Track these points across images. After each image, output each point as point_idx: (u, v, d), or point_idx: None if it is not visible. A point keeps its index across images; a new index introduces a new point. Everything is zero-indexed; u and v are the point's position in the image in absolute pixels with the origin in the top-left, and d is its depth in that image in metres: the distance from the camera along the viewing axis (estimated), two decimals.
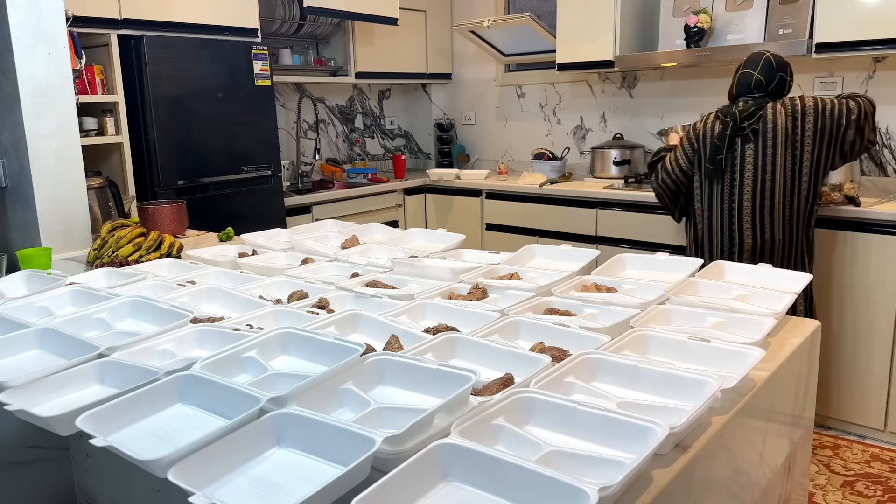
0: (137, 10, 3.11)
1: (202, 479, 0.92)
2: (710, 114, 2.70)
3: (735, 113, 2.57)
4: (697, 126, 2.72)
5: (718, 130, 2.60)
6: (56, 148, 2.33)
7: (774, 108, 2.55)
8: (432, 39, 4.83)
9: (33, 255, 2.09)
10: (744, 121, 2.55)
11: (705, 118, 2.70)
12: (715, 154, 2.60)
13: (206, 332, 1.41)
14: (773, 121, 2.53)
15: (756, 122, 2.54)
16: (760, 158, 2.54)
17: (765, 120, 2.54)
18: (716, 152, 2.60)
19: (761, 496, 1.36)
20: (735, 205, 2.61)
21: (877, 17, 2.91)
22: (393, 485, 0.86)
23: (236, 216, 3.48)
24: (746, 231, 2.61)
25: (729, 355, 1.26)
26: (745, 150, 2.57)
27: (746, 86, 2.61)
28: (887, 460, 2.80)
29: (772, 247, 2.61)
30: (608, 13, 3.73)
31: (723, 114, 2.63)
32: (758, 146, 2.54)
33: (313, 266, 1.96)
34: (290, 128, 4.44)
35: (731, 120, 2.56)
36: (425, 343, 1.29)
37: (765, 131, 2.53)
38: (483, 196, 4.20)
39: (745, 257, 2.65)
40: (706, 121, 2.69)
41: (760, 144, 2.54)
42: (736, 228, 2.62)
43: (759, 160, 2.55)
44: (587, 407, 1.04)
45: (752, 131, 2.54)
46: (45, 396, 1.19)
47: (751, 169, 2.56)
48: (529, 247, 2.07)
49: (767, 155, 2.53)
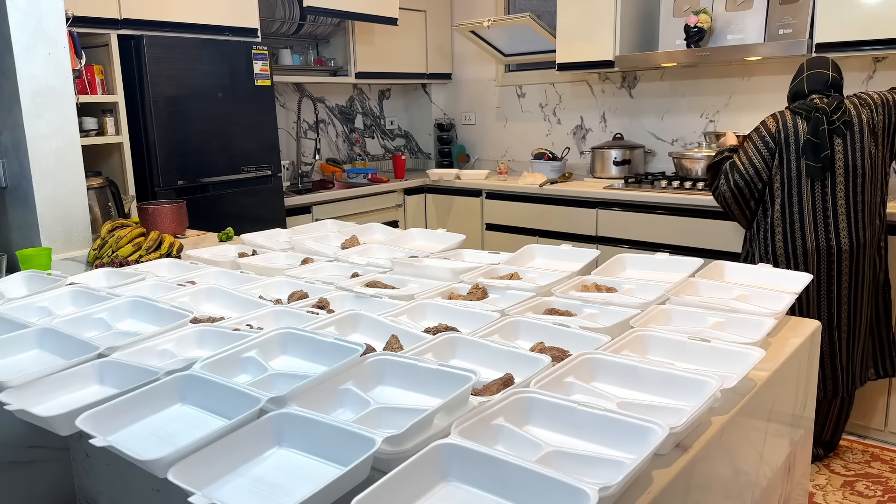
0: (137, 10, 3.11)
1: (202, 479, 0.92)
2: (780, 112, 2.59)
3: (823, 107, 2.47)
4: (769, 125, 2.58)
5: (808, 127, 2.48)
6: (56, 148, 2.33)
7: (853, 103, 2.51)
8: (432, 39, 4.83)
9: (33, 255, 2.09)
10: (832, 114, 2.47)
11: (780, 118, 2.58)
12: (817, 151, 2.46)
13: (206, 332, 1.41)
14: (856, 115, 2.48)
15: (844, 114, 2.46)
16: (850, 153, 2.46)
17: (849, 113, 2.48)
18: (817, 149, 2.46)
19: (761, 496, 1.36)
20: (829, 205, 2.49)
21: (877, 17, 2.91)
22: (393, 485, 0.86)
23: (236, 216, 3.48)
24: (843, 232, 2.49)
25: (729, 355, 1.26)
26: (833, 146, 2.48)
27: (823, 83, 2.54)
28: (887, 460, 2.80)
29: (865, 248, 2.53)
30: (608, 13, 3.73)
31: (804, 109, 2.52)
32: (846, 141, 2.46)
33: (313, 266, 1.96)
34: (290, 128, 4.44)
35: (822, 114, 2.46)
36: (425, 343, 1.29)
37: (852, 125, 2.47)
38: (483, 196, 4.20)
39: (843, 261, 2.52)
40: (781, 118, 2.57)
41: (849, 139, 2.46)
42: (832, 230, 2.50)
43: (848, 155, 2.46)
44: (587, 407, 1.04)
45: (844, 123, 2.45)
46: (45, 396, 1.19)
47: (841, 165, 2.47)
48: (529, 247, 2.07)
49: (857, 149, 2.46)
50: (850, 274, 2.55)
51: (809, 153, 2.49)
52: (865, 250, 2.55)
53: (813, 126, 2.48)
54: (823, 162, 2.47)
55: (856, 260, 2.54)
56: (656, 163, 4.11)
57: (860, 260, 2.55)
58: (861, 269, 2.56)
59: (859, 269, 2.56)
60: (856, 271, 2.55)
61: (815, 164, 2.48)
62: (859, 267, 2.56)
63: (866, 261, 2.57)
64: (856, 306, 2.59)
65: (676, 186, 3.49)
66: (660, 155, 4.09)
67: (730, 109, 3.79)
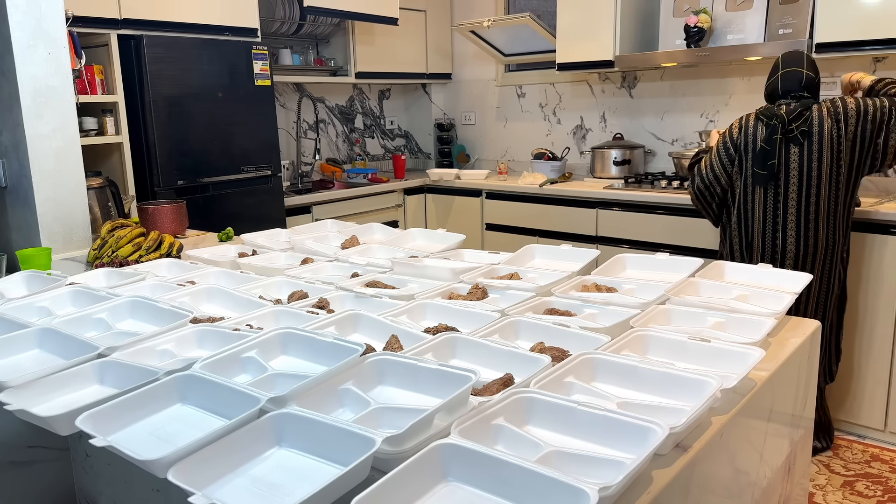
0: (137, 10, 3.11)
1: (202, 479, 0.92)
2: (747, 116, 2.59)
3: (782, 115, 2.46)
4: (734, 130, 2.59)
5: (765, 134, 2.49)
6: (56, 148, 2.33)
7: (820, 109, 2.46)
8: (432, 39, 4.83)
9: (33, 255, 2.09)
10: (791, 122, 2.45)
11: (743, 121, 2.59)
12: (765, 159, 2.47)
13: (206, 332, 1.41)
14: (819, 123, 2.44)
15: (803, 123, 2.43)
16: (806, 163, 2.44)
17: (811, 122, 2.44)
18: (766, 157, 2.47)
19: (761, 496, 1.36)
20: (780, 210, 2.51)
21: (877, 17, 2.91)
22: (393, 485, 0.86)
23: (236, 216, 3.48)
24: (790, 238, 2.51)
25: (729, 355, 1.26)
26: (789, 154, 2.46)
27: (797, 83, 2.50)
28: (887, 460, 2.80)
29: (814, 254, 2.53)
30: (608, 13, 3.73)
31: (765, 116, 2.51)
32: (803, 150, 2.44)
33: (313, 266, 1.96)
34: (290, 128, 4.44)
35: (779, 122, 2.45)
36: (425, 343, 1.29)
37: (811, 134, 2.43)
38: (483, 196, 4.20)
39: (787, 265, 2.56)
40: (744, 124, 2.57)
41: (807, 148, 2.43)
42: (780, 235, 2.52)
43: (804, 164, 2.45)
44: (587, 407, 1.04)
45: (802, 133, 2.43)
46: (45, 396, 1.19)
47: (795, 173, 2.46)
48: (529, 247, 2.07)
49: (813, 159, 2.43)
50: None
51: (759, 160, 2.51)
52: (814, 256, 2.55)
53: (768, 134, 2.48)
54: (769, 170, 2.49)
55: (801, 264, 2.56)
56: (656, 163, 4.11)
57: (805, 265, 2.56)
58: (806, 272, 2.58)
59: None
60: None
61: (761, 172, 2.50)
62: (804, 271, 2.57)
63: (814, 267, 2.57)
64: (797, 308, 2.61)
65: (676, 186, 3.49)
66: (660, 155, 4.09)
67: (730, 109, 3.79)
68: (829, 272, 2.61)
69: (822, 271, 2.60)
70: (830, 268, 2.60)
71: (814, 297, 2.63)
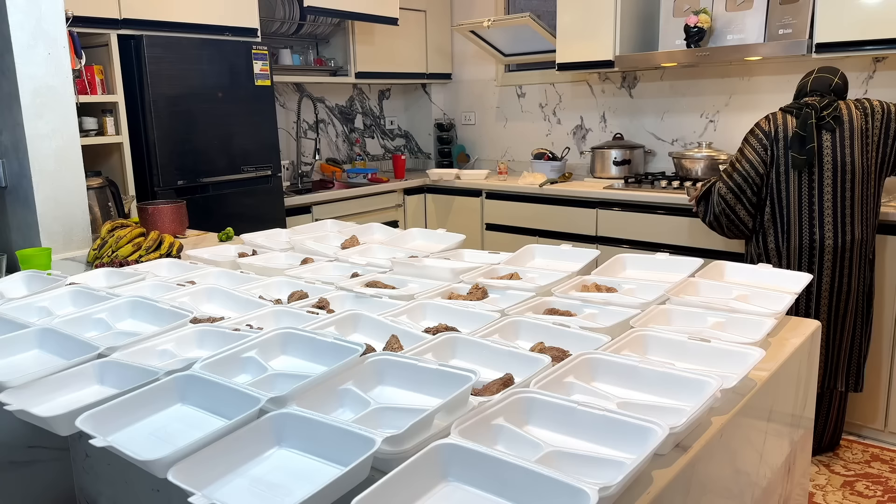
0: (137, 10, 3.11)
1: (202, 479, 0.92)
2: (772, 113, 2.65)
3: (813, 103, 2.54)
4: (763, 124, 2.64)
5: (798, 122, 2.54)
6: (56, 148, 2.33)
7: (847, 104, 2.55)
8: (432, 39, 4.83)
9: (33, 255, 2.09)
10: (822, 111, 2.52)
11: (772, 117, 2.63)
12: (803, 144, 2.51)
13: (206, 332, 1.41)
14: (848, 115, 2.52)
15: (834, 111, 2.52)
16: (839, 149, 2.50)
17: (840, 111, 2.53)
18: (803, 142, 2.51)
19: (761, 496, 1.36)
20: (815, 200, 2.53)
21: (877, 17, 2.91)
22: (393, 485, 0.86)
23: (236, 216, 3.48)
24: (827, 230, 2.53)
25: (729, 355, 1.26)
26: (822, 141, 2.52)
27: (826, 86, 2.60)
28: (887, 460, 2.80)
29: (851, 248, 2.55)
30: (608, 13, 3.73)
31: (795, 107, 2.59)
32: (835, 137, 2.50)
33: (313, 266, 1.96)
34: (290, 128, 4.44)
35: (812, 109, 2.53)
36: (425, 343, 1.29)
37: (842, 122, 2.51)
38: (483, 196, 4.20)
39: (825, 261, 2.55)
40: (772, 118, 2.63)
41: (839, 134, 2.50)
42: (817, 226, 2.53)
43: (837, 152, 2.50)
44: (587, 407, 1.04)
45: (834, 118, 2.50)
46: (45, 396, 1.19)
47: (830, 160, 2.51)
48: (529, 247, 2.07)
49: (846, 146, 2.50)
50: (833, 272, 2.57)
51: (796, 145, 2.54)
52: (851, 251, 2.56)
53: (802, 120, 2.54)
54: (808, 154, 2.52)
55: (840, 259, 2.56)
56: (656, 163, 4.11)
57: (843, 260, 2.56)
58: (844, 269, 2.58)
59: (843, 269, 2.58)
60: (839, 271, 2.57)
61: (800, 157, 2.53)
62: (843, 267, 2.57)
63: (852, 262, 2.57)
64: (837, 306, 2.61)
65: (676, 186, 3.49)
66: (660, 155, 4.09)
67: (730, 109, 3.79)
68: (861, 269, 2.62)
69: (859, 268, 2.60)
70: (861, 264, 2.61)
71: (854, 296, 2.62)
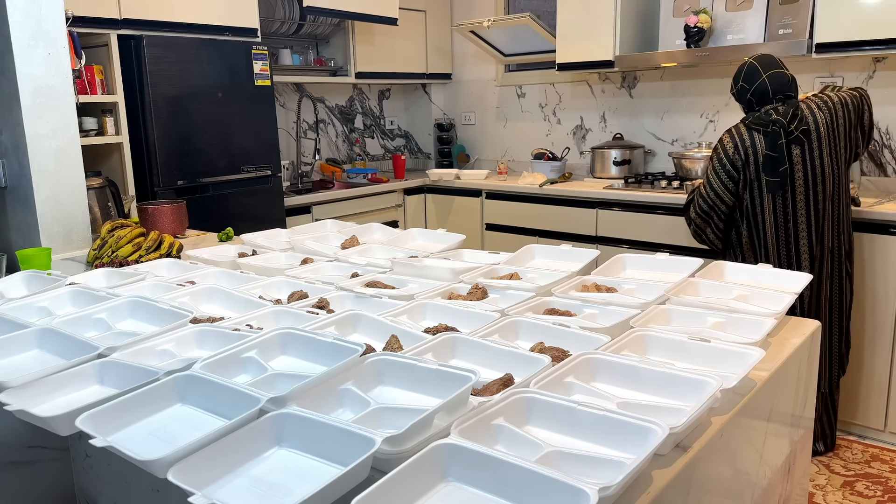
0: (137, 10, 3.11)
1: (202, 479, 0.92)
2: (736, 129, 2.53)
3: (779, 119, 2.43)
4: (728, 148, 2.51)
5: (766, 141, 2.45)
6: (56, 148, 2.33)
7: (808, 105, 2.48)
8: (432, 39, 4.83)
9: (33, 255, 2.09)
10: (790, 124, 2.43)
11: (734, 136, 2.52)
12: (775, 166, 2.43)
13: (206, 332, 1.41)
14: (813, 120, 2.45)
15: (801, 123, 2.43)
16: (809, 161, 2.44)
17: (806, 120, 2.45)
18: (775, 164, 2.43)
19: (761, 496, 1.36)
20: (790, 214, 2.48)
21: (877, 17, 2.91)
22: (393, 485, 0.86)
23: (236, 216, 3.48)
24: (802, 239, 2.49)
25: (729, 355, 1.26)
26: (791, 156, 2.45)
27: (785, 84, 2.49)
28: (887, 460, 2.80)
29: (829, 252, 2.54)
30: (608, 13, 3.73)
31: (760, 124, 2.47)
32: (804, 149, 2.43)
33: (313, 266, 1.96)
34: (290, 128, 4.44)
35: (780, 127, 2.42)
36: (425, 343, 1.29)
37: (809, 132, 2.44)
38: (483, 196, 4.20)
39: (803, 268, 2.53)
40: (738, 138, 2.50)
41: (808, 146, 2.43)
42: (792, 239, 2.50)
43: (807, 163, 2.44)
44: (587, 407, 1.04)
45: (803, 132, 2.42)
46: (45, 396, 1.19)
47: (801, 173, 2.45)
48: (529, 247, 2.07)
49: (815, 156, 2.44)
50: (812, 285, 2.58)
51: (768, 169, 2.46)
52: (826, 259, 2.57)
53: (771, 140, 2.44)
54: (782, 176, 2.45)
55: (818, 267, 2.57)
56: (656, 163, 4.11)
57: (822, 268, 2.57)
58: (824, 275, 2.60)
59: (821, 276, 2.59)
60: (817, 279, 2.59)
61: (774, 179, 2.46)
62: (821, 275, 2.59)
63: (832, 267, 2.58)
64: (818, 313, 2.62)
65: (676, 186, 3.49)
66: (660, 155, 4.09)
67: (730, 109, 3.79)
68: (840, 270, 2.62)
69: (831, 269, 2.60)
70: (840, 265, 2.61)
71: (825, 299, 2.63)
